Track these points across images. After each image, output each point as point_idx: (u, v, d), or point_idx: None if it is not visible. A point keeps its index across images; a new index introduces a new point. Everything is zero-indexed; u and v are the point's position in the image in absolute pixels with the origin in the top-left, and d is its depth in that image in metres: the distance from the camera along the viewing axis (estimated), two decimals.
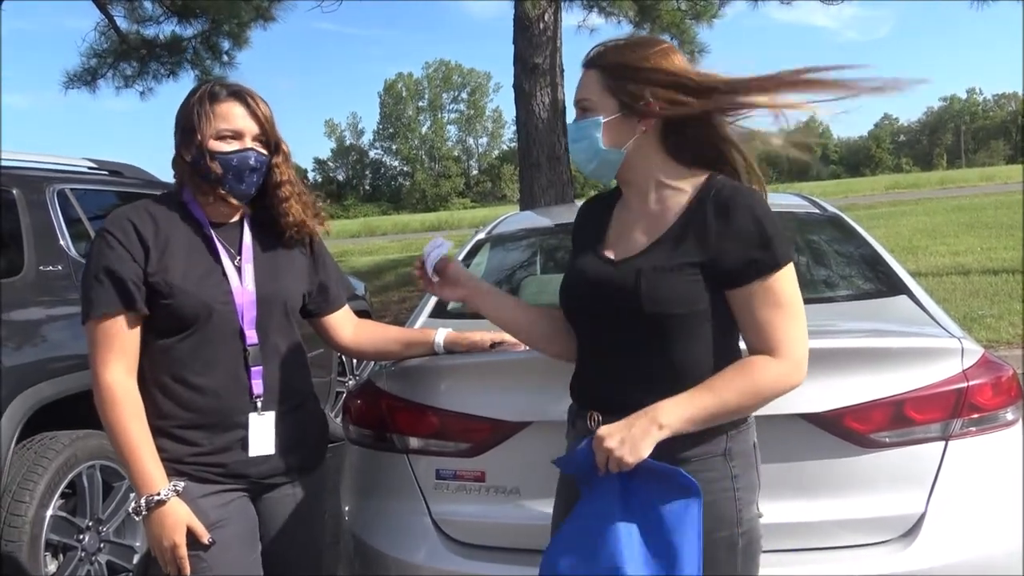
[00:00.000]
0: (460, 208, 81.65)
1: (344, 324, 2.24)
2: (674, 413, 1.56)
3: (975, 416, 2.06)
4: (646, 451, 1.54)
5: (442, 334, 2.20)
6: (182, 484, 1.86)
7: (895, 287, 2.60)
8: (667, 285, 1.61)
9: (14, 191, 3.52)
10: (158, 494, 1.82)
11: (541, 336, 1.92)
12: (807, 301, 1.67)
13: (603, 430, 1.57)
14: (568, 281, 1.80)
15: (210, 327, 1.91)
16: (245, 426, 1.94)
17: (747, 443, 1.70)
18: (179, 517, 1.83)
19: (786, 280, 1.61)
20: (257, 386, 1.96)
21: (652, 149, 1.72)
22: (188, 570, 1.85)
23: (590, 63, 1.73)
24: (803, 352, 1.61)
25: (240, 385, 1.95)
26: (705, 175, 1.71)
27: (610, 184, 1.86)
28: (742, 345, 1.68)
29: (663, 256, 1.64)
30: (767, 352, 1.60)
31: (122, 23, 11.59)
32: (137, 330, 1.89)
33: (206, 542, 1.85)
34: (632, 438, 1.54)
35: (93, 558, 3.29)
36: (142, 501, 1.82)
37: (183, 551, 1.83)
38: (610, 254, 1.74)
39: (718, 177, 1.70)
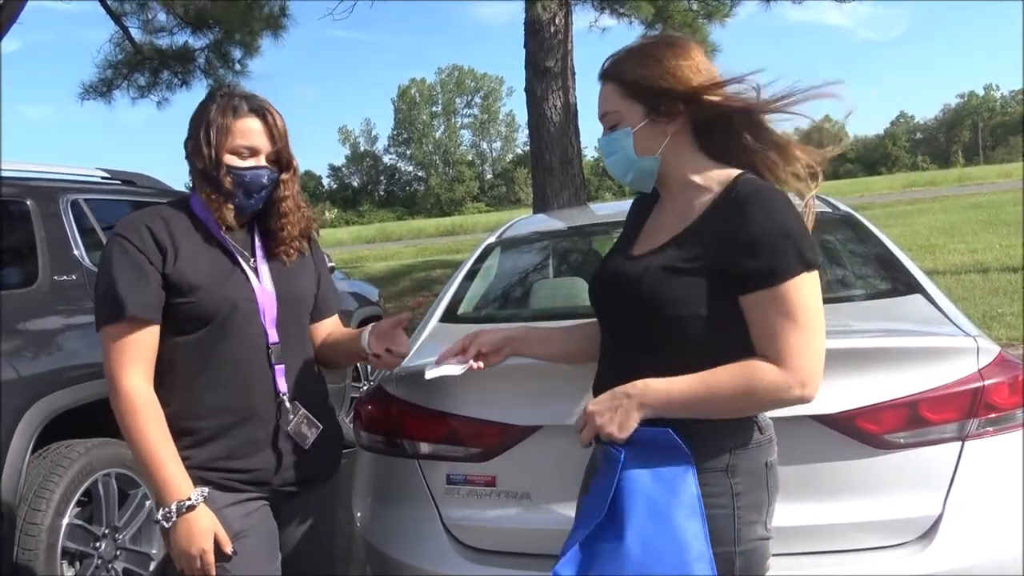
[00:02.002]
0: (474, 212, 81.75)
1: (324, 333, 2.20)
2: (658, 396, 1.57)
3: (991, 416, 2.03)
4: (633, 425, 1.58)
5: (366, 336, 2.05)
6: (207, 490, 1.86)
7: (909, 286, 2.56)
8: (666, 285, 1.58)
9: (28, 202, 3.54)
10: (188, 499, 1.80)
11: (592, 352, 1.86)
12: (822, 301, 1.59)
13: (592, 406, 1.63)
14: (593, 278, 1.83)
15: (232, 324, 1.91)
16: (269, 425, 1.94)
17: (756, 461, 1.62)
18: (207, 523, 1.82)
19: (801, 289, 1.51)
20: (281, 384, 1.95)
21: (685, 149, 1.69)
22: None
23: (606, 75, 1.71)
24: (812, 368, 1.51)
25: (264, 383, 1.94)
26: (735, 173, 1.65)
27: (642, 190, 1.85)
28: None
29: (673, 255, 1.61)
30: (772, 362, 1.52)
31: (136, 34, 11.72)
32: (154, 335, 1.88)
33: (228, 552, 1.84)
34: (622, 412, 1.59)
35: (110, 566, 3.30)
36: (172, 507, 1.79)
37: (211, 557, 1.82)
38: (635, 251, 1.74)
39: (745, 176, 1.64)
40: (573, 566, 1.56)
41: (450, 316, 2.82)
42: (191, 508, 1.80)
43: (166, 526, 1.81)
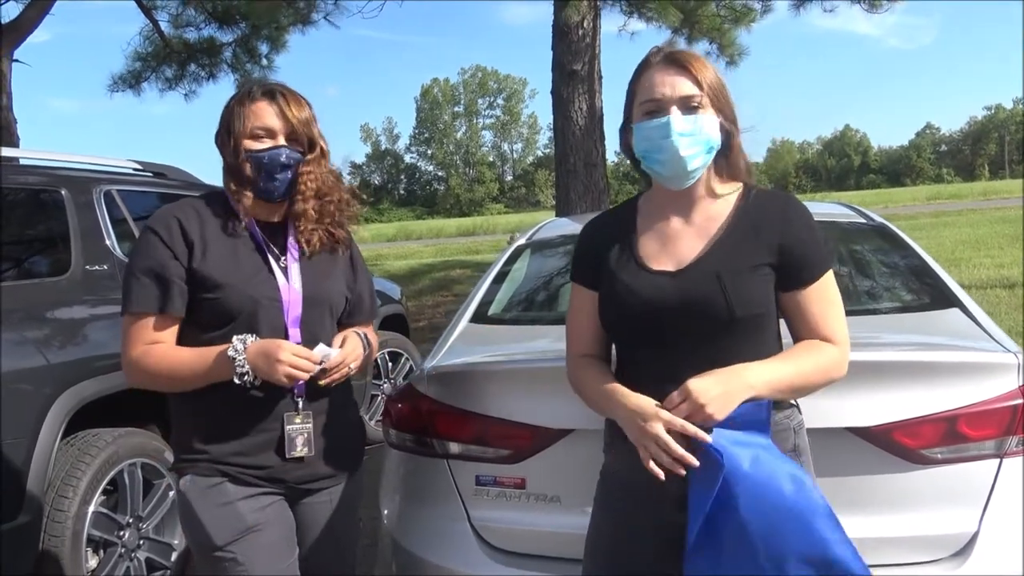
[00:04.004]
0: (494, 213, 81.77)
1: None
2: (762, 376, 1.60)
3: None
4: (732, 409, 1.57)
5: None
6: (247, 338, 1.87)
7: (947, 299, 2.53)
8: (750, 286, 1.65)
9: (63, 191, 3.58)
10: (233, 345, 1.84)
11: None
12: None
13: (697, 384, 1.56)
14: (618, 301, 1.74)
15: (254, 323, 1.91)
16: (283, 424, 1.94)
17: (805, 440, 1.75)
18: (266, 342, 1.86)
19: (832, 279, 1.72)
20: (299, 385, 1.95)
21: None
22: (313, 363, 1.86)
23: (687, 65, 1.69)
24: (849, 345, 1.71)
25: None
26: (740, 184, 1.78)
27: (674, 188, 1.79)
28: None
29: (730, 259, 1.66)
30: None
31: (166, 28, 11.84)
32: (170, 330, 1.92)
33: (317, 361, 1.87)
34: (727, 395, 1.56)
35: (133, 555, 3.32)
36: (234, 355, 1.83)
37: (293, 356, 1.83)
38: (662, 266, 1.72)
39: (757, 186, 1.77)
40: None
41: (480, 317, 2.82)
42: (243, 342, 1.85)
43: (248, 377, 1.84)
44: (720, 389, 1.55)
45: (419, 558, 2.26)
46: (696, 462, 1.57)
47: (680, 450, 1.56)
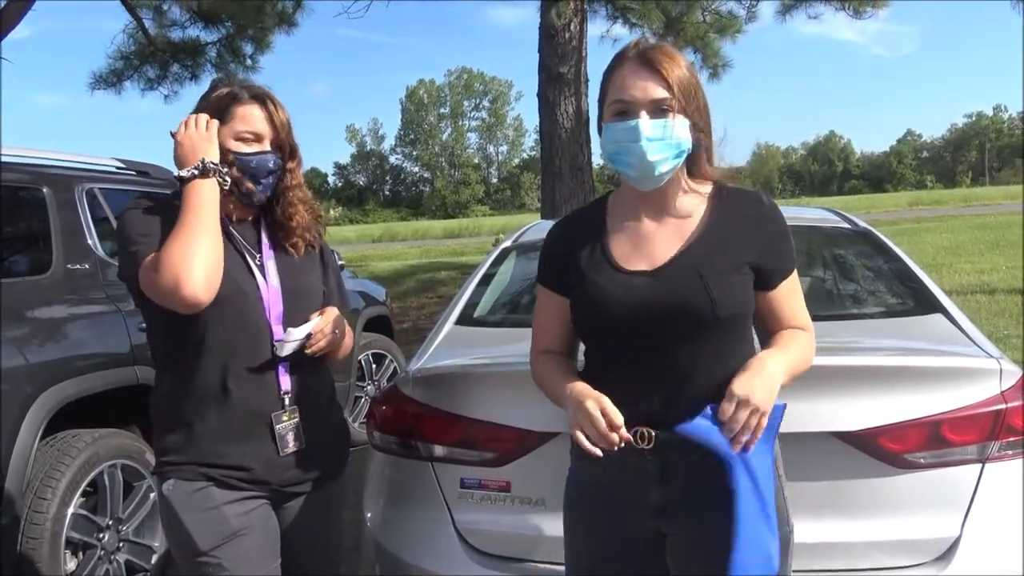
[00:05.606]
0: (479, 215, 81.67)
1: None
2: (782, 365, 1.61)
3: (1011, 439, 2.02)
4: (774, 400, 1.56)
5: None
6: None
7: (930, 305, 2.56)
8: (733, 286, 1.63)
9: (44, 189, 3.54)
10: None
11: None
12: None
13: (742, 388, 1.52)
14: (593, 306, 1.69)
15: (241, 316, 1.88)
16: (271, 424, 1.91)
17: (778, 447, 1.73)
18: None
19: (796, 273, 1.75)
20: (285, 383, 1.94)
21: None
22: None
23: (658, 68, 1.63)
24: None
25: (268, 381, 1.92)
26: (710, 183, 1.75)
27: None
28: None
29: (710, 258, 1.64)
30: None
31: (150, 27, 11.73)
32: None
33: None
34: (770, 389, 1.54)
35: (112, 557, 3.29)
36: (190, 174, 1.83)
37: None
38: (636, 266, 1.68)
39: (727, 185, 1.75)
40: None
41: (466, 319, 2.81)
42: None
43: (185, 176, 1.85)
44: (763, 384, 1.53)
45: (403, 561, 2.25)
46: (616, 441, 1.56)
47: (604, 429, 1.56)
